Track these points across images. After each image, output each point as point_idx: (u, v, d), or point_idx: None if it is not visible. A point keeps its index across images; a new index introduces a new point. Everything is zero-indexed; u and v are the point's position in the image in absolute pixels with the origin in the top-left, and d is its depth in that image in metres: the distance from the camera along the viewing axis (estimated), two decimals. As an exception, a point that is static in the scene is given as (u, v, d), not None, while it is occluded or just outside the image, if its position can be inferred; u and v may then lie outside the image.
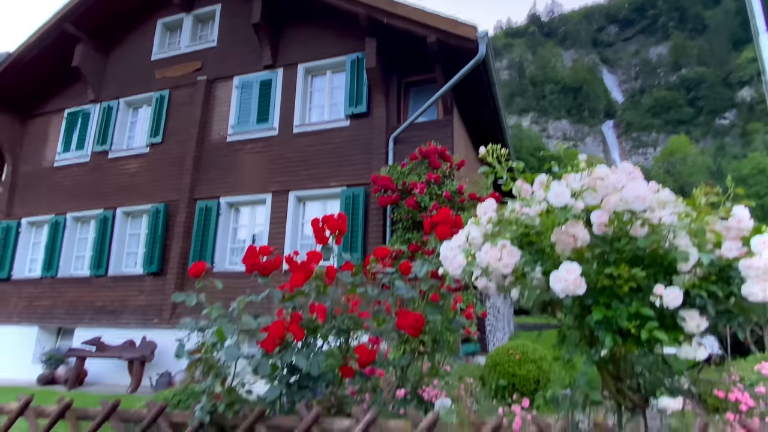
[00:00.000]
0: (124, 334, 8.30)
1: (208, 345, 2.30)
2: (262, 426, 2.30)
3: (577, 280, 1.63)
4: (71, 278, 9.54)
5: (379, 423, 2.18)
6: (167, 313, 8.24)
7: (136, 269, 9.01)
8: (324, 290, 2.68)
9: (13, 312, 9.83)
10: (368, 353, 2.48)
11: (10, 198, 10.54)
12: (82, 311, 9.11)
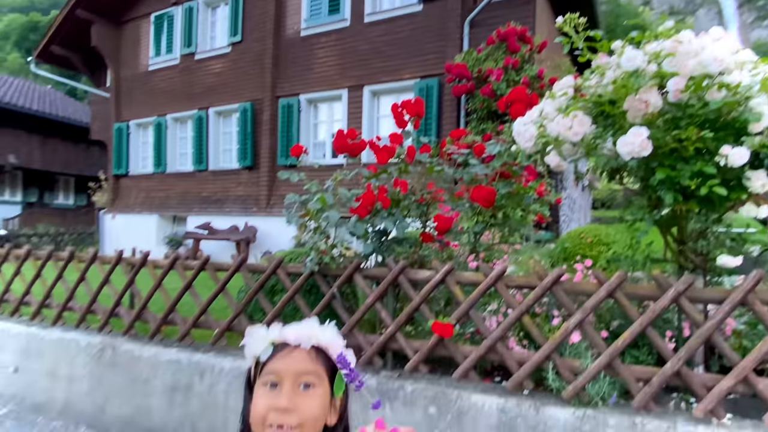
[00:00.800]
0: (228, 220, 9.50)
1: (312, 211, 2.76)
2: (359, 275, 2.81)
3: (643, 143, 1.76)
4: (178, 173, 10.80)
5: (455, 273, 2.58)
6: (263, 202, 9.22)
7: (232, 164, 9.97)
8: (405, 168, 2.99)
9: (135, 203, 11.50)
10: (445, 221, 2.82)
11: (117, 102, 11.72)
12: (191, 201, 10.45)
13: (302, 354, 0.84)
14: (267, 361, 0.83)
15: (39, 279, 3.94)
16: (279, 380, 0.81)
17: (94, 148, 17.83)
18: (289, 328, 0.87)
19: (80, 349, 3.48)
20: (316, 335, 0.86)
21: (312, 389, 0.82)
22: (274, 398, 0.80)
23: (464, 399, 2.41)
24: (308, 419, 0.80)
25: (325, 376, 0.84)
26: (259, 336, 0.86)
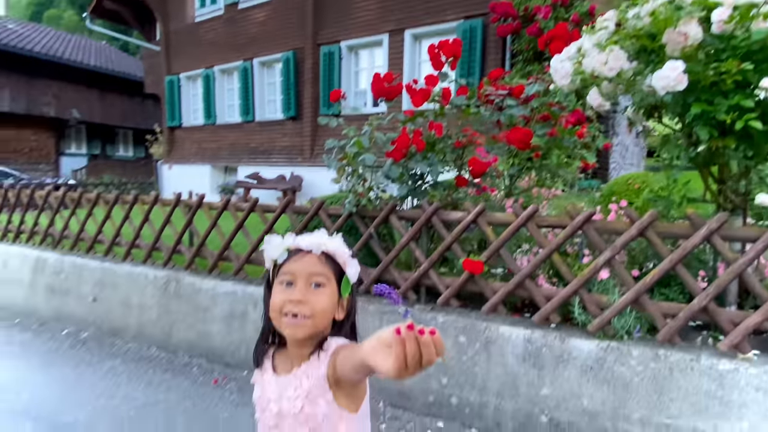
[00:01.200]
0: (276, 170, 9.85)
1: (350, 155, 2.89)
2: (394, 217, 2.95)
3: (679, 77, 1.72)
4: (227, 125, 11.19)
5: (486, 214, 2.66)
6: (307, 152, 9.46)
7: (276, 115, 10.19)
8: (441, 111, 3.03)
9: (189, 154, 12.09)
10: (480, 164, 2.86)
11: (167, 55, 12.08)
12: (240, 152, 10.87)
13: (313, 258, 0.95)
14: (283, 263, 0.96)
15: (108, 220, 4.37)
16: (293, 279, 0.93)
17: (148, 101, 18.64)
18: (302, 237, 0.98)
19: (148, 282, 3.90)
20: (324, 243, 0.97)
21: (322, 288, 0.94)
22: (289, 293, 0.92)
23: (492, 330, 2.56)
24: (318, 312, 0.92)
25: (333, 278, 0.96)
26: (276, 243, 0.98)
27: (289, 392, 0.95)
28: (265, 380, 1.01)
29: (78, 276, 4.33)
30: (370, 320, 2.91)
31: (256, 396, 1.03)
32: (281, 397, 0.96)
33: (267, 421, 0.98)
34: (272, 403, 0.97)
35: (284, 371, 0.99)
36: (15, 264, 4.84)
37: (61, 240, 4.74)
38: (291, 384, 0.95)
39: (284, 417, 0.95)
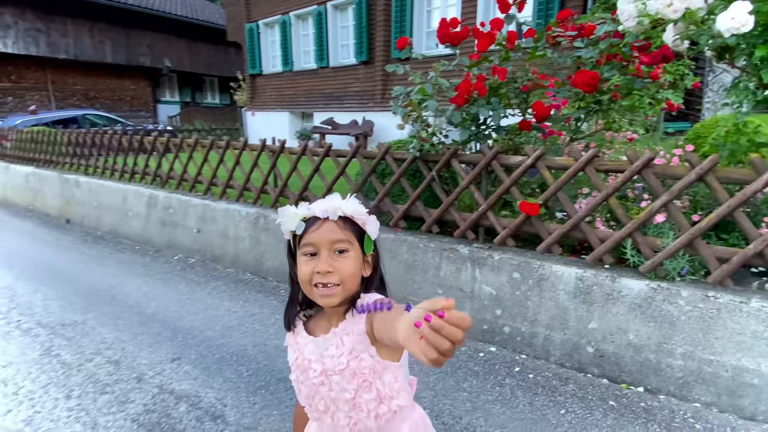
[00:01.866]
0: (349, 116, 10.16)
1: (414, 101, 3.06)
2: (455, 161, 3.12)
3: (744, 18, 1.68)
4: (303, 71, 11.56)
5: (545, 158, 2.76)
6: (379, 97, 9.61)
7: (350, 59, 10.34)
8: (506, 55, 3.06)
9: (268, 100, 12.72)
10: (543, 108, 2.91)
11: (246, 2, 12.48)
12: (316, 98, 11.26)
13: (332, 225, 0.93)
14: (303, 234, 0.94)
15: (206, 163, 4.97)
16: (316, 249, 0.93)
17: (231, 49, 19.50)
18: (316, 204, 0.96)
19: (242, 217, 4.47)
20: (340, 207, 0.94)
21: (346, 253, 0.94)
22: (315, 264, 0.92)
23: (546, 268, 2.74)
24: (347, 277, 0.93)
25: (355, 240, 0.95)
26: (290, 214, 0.96)
27: (330, 351, 0.96)
28: (299, 342, 1.03)
29: (184, 211, 5.04)
30: (431, 257, 3.19)
31: (293, 358, 1.04)
32: (323, 356, 0.97)
33: (311, 380, 0.99)
34: (314, 363, 0.98)
35: (322, 331, 1.00)
36: (132, 200, 5.69)
37: (167, 181, 5.47)
38: (331, 343, 0.97)
39: (330, 375, 0.96)
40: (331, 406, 0.99)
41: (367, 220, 0.97)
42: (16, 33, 14.26)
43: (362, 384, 0.95)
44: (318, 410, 1.02)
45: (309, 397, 1.02)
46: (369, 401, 0.96)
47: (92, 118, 12.98)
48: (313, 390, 1.00)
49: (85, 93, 16.82)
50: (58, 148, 7.18)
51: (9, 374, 2.67)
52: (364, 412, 0.96)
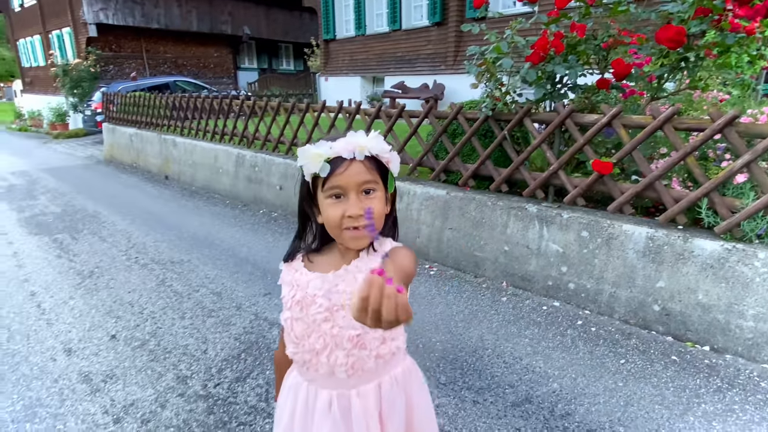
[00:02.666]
0: (419, 79, 10.15)
1: (489, 60, 3.12)
2: (528, 119, 3.17)
3: None
4: (376, 34, 11.61)
5: (622, 116, 2.73)
6: (451, 59, 9.49)
7: (422, 21, 10.24)
8: (586, 11, 3.00)
9: (341, 65, 12.95)
10: (624, 66, 2.85)
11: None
12: (387, 62, 11.33)
13: (359, 165, 0.88)
14: (328, 177, 0.87)
15: (288, 125, 5.33)
16: (344, 192, 0.88)
17: (305, 15, 19.86)
18: (340, 143, 0.88)
19: (318, 175, 4.80)
20: (367, 146, 0.89)
21: (373, 193, 0.90)
22: (344, 207, 0.88)
23: (615, 227, 2.77)
24: (376, 218, 0.89)
25: (380, 178, 0.91)
26: (312, 154, 0.88)
27: (341, 287, 0.94)
28: (300, 278, 0.98)
29: (268, 169, 5.49)
30: (499, 215, 3.31)
31: (290, 295, 0.99)
32: (330, 292, 0.94)
33: (313, 316, 0.96)
34: (319, 299, 0.95)
35: (332, 268, 0.96)
36: (222, 159, 6.25)
37: (253, 141, 5.94)
38: (343, 279, 0.94)
39: (337, 309, 0.94)
40: (330, 344, 0.96)
41: (391, 158, 0.93)
42: (115, 5, 15.55)
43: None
44: (312, 350, 0.97)
45: (303, 337, 0.98)
46: (374, 339, 0.96)
47: (182, 84, 14.00)
48: (311, 328, 0.96)
49: (174, 60, 18.08)
50: (157, 111, 7.94)
51: (134, 298, 3.21)
52: (366, 350, 0.96)
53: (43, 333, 2.77)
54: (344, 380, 0.98)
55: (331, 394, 0.99)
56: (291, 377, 1.08)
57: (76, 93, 14.31)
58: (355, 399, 0.98)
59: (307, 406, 1.01)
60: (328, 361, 0.96)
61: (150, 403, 2.12)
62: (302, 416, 1.02)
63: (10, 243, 4.45)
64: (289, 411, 1.05)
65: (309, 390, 1.01)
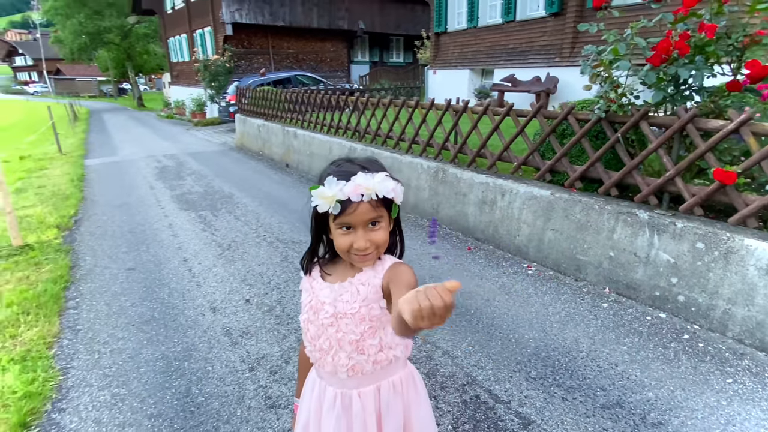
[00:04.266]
0: (531, 71, 9.86)
1: (605, 61, 3.06)
2: (644, 122, 3.06)
3: None
4: (488, 26, 11.46)
5: (752, 123, 2.55)
6: (567, 51, 9.07)
7: (539, 12, 9.89)
8: (719, 9, 2.81)
9: (450, 58, 12.99)
10: (761, 67, 2.64)
11: (437, -39, 12.72)
12: (497, 54, 11.14)
13: (366, 206, 0.96)
14: (338, 215, 0.96)
15: (396, 121, 5.64)
16: (353, 226, 0.98)
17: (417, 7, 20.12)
18: (350, 186, 0.94)
19: (423, 170, 5.04)
20: (375, 189, 0.95)
21: (378, 224, 0.99)
22: (352, 238, 0.98)
23: (736, 240, 2.60)
24: (381, 244, 1.01)
25: (385, 210, 1.00)
26: (327, 196, 0.95)
27: (345, 297, 1.05)
28: (314, 287, 1.11)
29: (375, 161, 5.86)
30: (606, 219, 3.25)
31: (306, 300, 1.13)
32: (336, 300, 1.06)
33: (322, 320, 1.08)
34: (327, 306, 1.07)
35: (339, 279, 1.08)
36: (336, 151, 6.78)
37: (364, 135, 6.36)
38: (347, 290, 1.05)
39: (341, 317, 1.05)
40: (335, 346, 1.08)
41: (397, 194, 1.00)
42: (248, 5, 17.23)
43: (368, 330, 1.05)
44: (321, 349, 1.10)
45: (315, 338, 1.11)
46: (371, 346, 1.07)
47: (301, 78, 15.15)
48: (320, 330, 1.09)
49: (295, 56, 19.55)
50: (281, 105, 8.79)
51: (263, 270, 3.75)
52: (365, 356, 1.07)
53: (193, 292, 3.40)
54: (346, 380, 1.10)
55: (336, 392, 1.12)
56: (311, 374, 1.24)
57: (213, 85, 16.22)
58: (356, 398, 1.10)
59: (319, 401, 1.16)
60: (333, 361, 1.09)
61: (277, 359, 2.55)
62: (316, 410, 1.17)
63: (166, 216, 5.38)
64: (306, 404, 1.21)
65: (320, 386, 1.16)
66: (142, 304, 3.23)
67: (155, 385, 2.37)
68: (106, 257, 4.14)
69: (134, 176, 7.83)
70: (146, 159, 9.58)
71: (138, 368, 2.52)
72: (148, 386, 2.36)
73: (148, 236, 4.67)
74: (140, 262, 4.01)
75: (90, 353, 2.66)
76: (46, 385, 2.37)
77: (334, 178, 0.95)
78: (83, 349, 2.70)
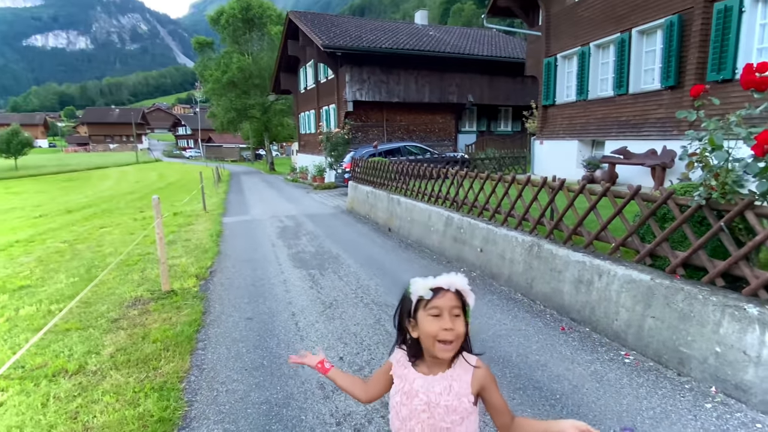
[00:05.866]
0: (645, 144, 9.45)
1: (703, 150, 3.03)
2: (750, 212, 2.91)
3: None
4: (598, 99, 11.35)
5: None
6: (685, 124, 8.59)
7: (653, 85, 9.61)
8: (835, 98, 2.68)
9: (559, 130, 12.95)
10: None
11: (547, 38, 13.13)
12: (609, 126, 10.89)
13: (451, 295, 1.21)
14: (430, 299, 1.20)
15: (493, 194, 5.85)
16: (440, 312, 1.19)
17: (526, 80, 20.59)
18: (441, 279, 1.22)
19: (518, 243, 5.11)
20: (457, 283, 1.22)
21: (459, 317, 1.22)
22: (440, 323, 1.19)
23: None
24: (460, 335, 1.21)
25: (462, 309, 1.23)
26: (423, 284, 1.22)
27: (437, 389, 1.23)
28: (408, 375, 1.29)
29: (471, 232, 6.07)
30: (710, 311, 3.05)
31: (400, 386, 1.30)
32: (429, 391, 1.23)
33: (416, 407, 1.24)
34: (421, 394, 1.24)
35: (430, 372, 1.26)
36: (434, 219, 7.14)
37: (461, 206, 6.65)
38: (440, 383, 1.24)
39: (434, 406, 1.23)
40: (426, 429, 1.24)
41: (469, 294, 1.24)
42: (368, 85, 19.22)
43: (458, 419, 1.23)
44: (411, 431, 1.26)
45: (406, 419, 1.27)
46: None
47: (410, 147, 16.18)
48: (413, 414, 1.25)
49: (406, 127, 20.99)
50: (388, 174, 9.54)
51: (357, 330, 4.09)
52: None
53: (297, 345, 3.83)
54: None
55: None
56: None
57: (333, 154, 18.03)
58: None
59: None
60: None
61: (361, 417, 2.79)
62: None
63: (282, 272, 6.09)
64: None
65: None
66: (255, 351, 3.74)
67: (258, 426, 2.75)
68: (231, 306, 4.84)
69: (260, 234, 8.96)
70: (271, 219, 10.88)
71: (246, 409, 2.93)
72: (253, 427, 2.75)
73: (266, 290, 5.35)
74: (257, 312, 4.62)
75: (210, 390, 3.17)
76: (175, 413, 2.89)
77: (427, 278, 1.24)
78: (205, 386, 3.22)
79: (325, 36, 18.63)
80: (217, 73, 32.73)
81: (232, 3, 33.46)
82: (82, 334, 4.10)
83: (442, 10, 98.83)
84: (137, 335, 4.05)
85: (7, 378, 3.30)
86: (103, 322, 4.39)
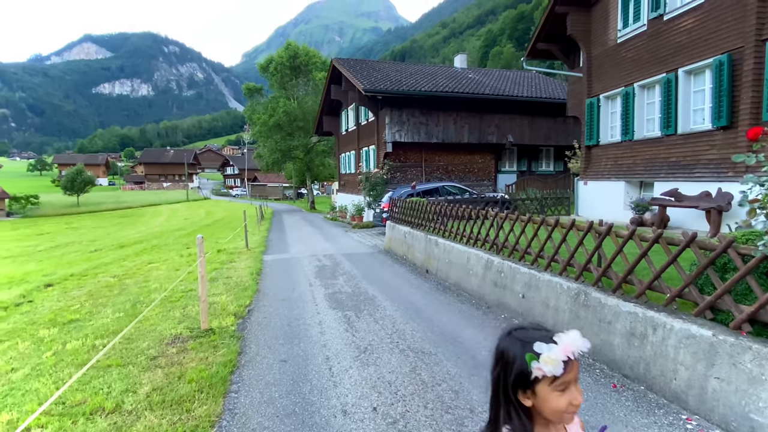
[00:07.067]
0: (698, 186, 8.98)
1: (765, 197, 2.81)
2: (828, 265, 2.63)
3: None
4: (645, 139, 10.99)
5: None
6: (741, 166, 8.13)
7: (704, 125, 9.23)
8: None
9: (603, 170, 12.57)
10: None
11: (589, 79, 13.01)
12: (658, 167, 10.47)
13: (576, 364, 1.09)
14: (560, 375, 1.05)
15: (535, 238, 5.66)
16: (568, 386, 1.08)
17: (569, 120, 20.35)
18: (568, 348, 1.06)
19: (563, 290, 4.87)
20: (580, 348, 1.07)
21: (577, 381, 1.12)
22: (571, 397, 1.08)
23: None
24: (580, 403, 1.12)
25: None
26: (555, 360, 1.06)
27: None
28: None
29: (512, 277, 5.85)
30: None
31: None
32: None
33: None
34: None
35: None
36: (473, 261, 6.96)
37: (502, 249, 6.46)
38: None
39: None
40: None
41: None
42: (407, 127, 19.57)
43: None
44: None
45: None
46: None
47: (449, 187, 16.13)
48: None
49: (445, 167, 21.05)
50: (426, 215, 9.48)
51: (392, 378, 3.95)
52: None
53: (330, 392, 3.72)
54: None
55: None
56: None
57: (372, 194, 18.22)
58: None
59: None
60: None
61: (393, 475, 2.63)
62: None
63: (318, 313, 6.05)
64: None
65: None
66: (287, 397, 3.66)
67: (286, 478, 2.64)
68: (266, 347, 4.81)
69: (298, 273, 9.03)
70: (309, 258, 10.98)
71: (275, 458, 2.83)
72: (281, 478, 2.64)
73: (301, 331, 5.31)
74: (291, 355, 4.57)
75: (241, 436, 3.10)
76: (205, 459, 2.82)
77: (543, 343, 1.06)
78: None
79: (367, 81, 19.28)
80: (265, 117, 34.42)
81: (281, 51, 35.57)
82: (122, 371, 4.17)
83: (481, 53, 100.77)
84: (173, 374, 4.07)
85: (48, 414, 3.36)
86: (143, 359, 4.46)
